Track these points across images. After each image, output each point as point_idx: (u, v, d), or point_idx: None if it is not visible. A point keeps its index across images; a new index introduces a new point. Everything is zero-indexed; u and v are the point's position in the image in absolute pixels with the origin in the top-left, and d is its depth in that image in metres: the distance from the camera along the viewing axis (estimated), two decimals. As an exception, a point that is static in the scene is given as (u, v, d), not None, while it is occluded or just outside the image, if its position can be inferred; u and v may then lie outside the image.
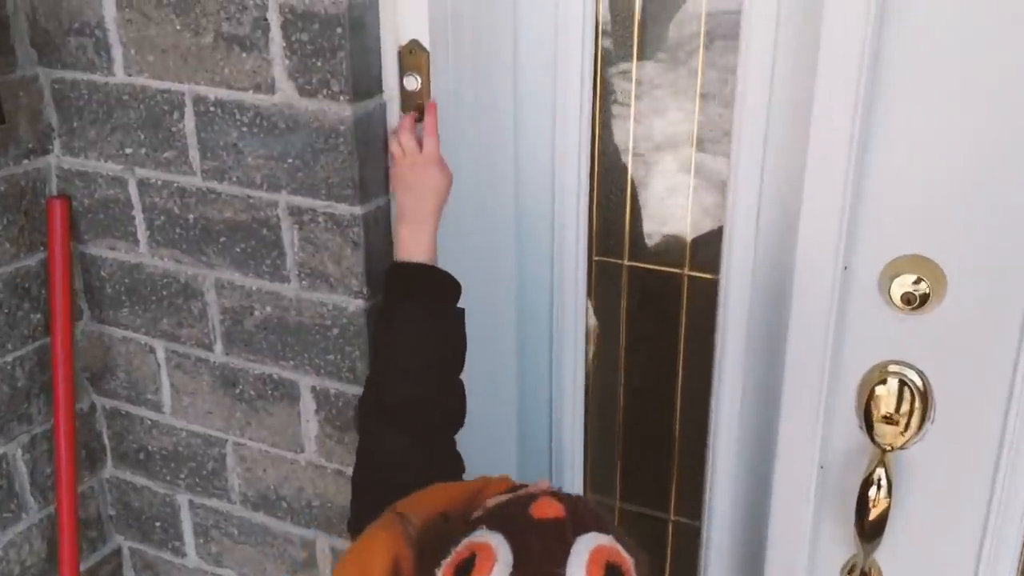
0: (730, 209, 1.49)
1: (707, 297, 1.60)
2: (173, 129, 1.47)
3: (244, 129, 1.40)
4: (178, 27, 1.39)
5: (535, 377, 1.76)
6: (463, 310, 1.39)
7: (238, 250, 1.49)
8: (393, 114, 1.39)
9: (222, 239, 1.50)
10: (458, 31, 1.41)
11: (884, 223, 1.35)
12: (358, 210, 1.37)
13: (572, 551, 0.89)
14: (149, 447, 1.74)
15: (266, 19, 1.32)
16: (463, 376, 1.38)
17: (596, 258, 1.67)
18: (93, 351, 1.71)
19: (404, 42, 1.36)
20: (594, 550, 0.90)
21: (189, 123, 1.45)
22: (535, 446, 1.80)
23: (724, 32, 1.46)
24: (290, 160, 1.39)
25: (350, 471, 1.45)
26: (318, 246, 1.42)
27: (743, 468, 1.65)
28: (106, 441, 1.79)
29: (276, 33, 1.32)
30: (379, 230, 1.42)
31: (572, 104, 1.55)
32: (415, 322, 1.34)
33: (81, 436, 1.73)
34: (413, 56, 1.36)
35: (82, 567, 1.79)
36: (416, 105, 1.37)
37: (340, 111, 1.32)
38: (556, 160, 1.59)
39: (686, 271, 1.61)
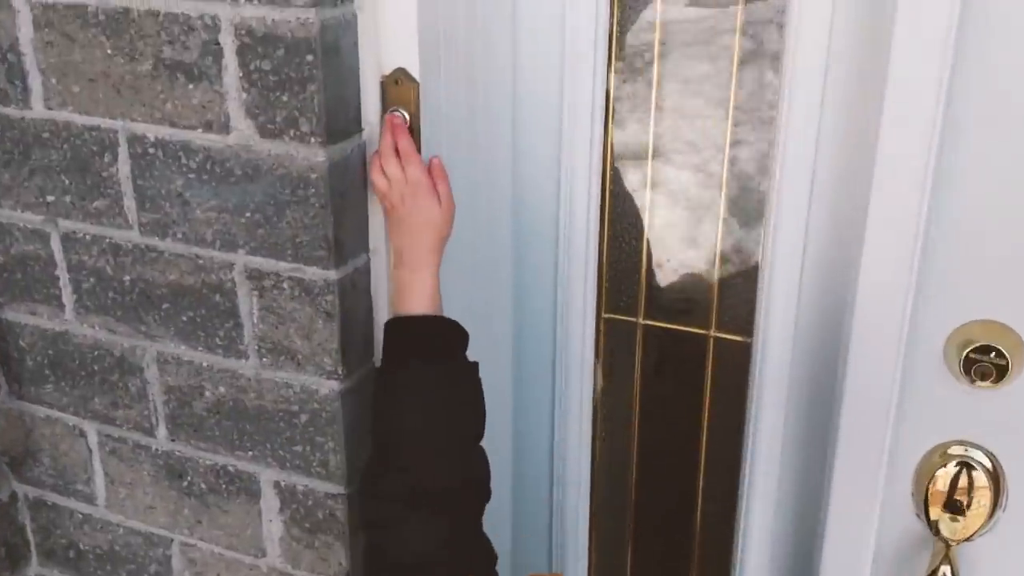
0: (767, 262, 1.28)
1: (737, 362, 1.38)
2: (104, 174, 1.21)
3: (191, 176, 1.15)
4: (109, 51, 1.14)
5: (534, 450, 1.53)
6: (476, 363, 1.16)
7: (184, 319, 1.24)
8: (371, 154, 1.15)
9: (165, 306, 1.24)
10: (451, 57, 1.17)
11: (954, 281, 1.16)
12: (332, 274, 1.12)
13: None
14: (80, 544, 1.47)
15: (218, 43, 1.07)
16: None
17: (606, 315, 1.44)
18: (13, 432, 1.44)
19: (388, 71, 1.12)
20: None
21: (123, 167, 1.19)
22: (533, 526, 1.57)
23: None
24: (248, 214, 1.14)
25: (322, 580, 1.21)
26: (282, 317, 1.17)
27: (779, 559, 1.43)
28: (30, 536, 1.51)
29: (231, 60, 1.07)
30: (357, 297, 1.17)
31: (581, 139, 1.32)
32: (436, 387, 1.13)
33: (0, 529, 1.46)
34: (399, 87, 1.11)
35: None
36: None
37: (311, 155, 1.07)
38: (562, 204, 1.36)
39: (712, 332, 1.38)
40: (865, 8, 1.11)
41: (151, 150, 1.17)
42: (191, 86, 1.11)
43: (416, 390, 1.11)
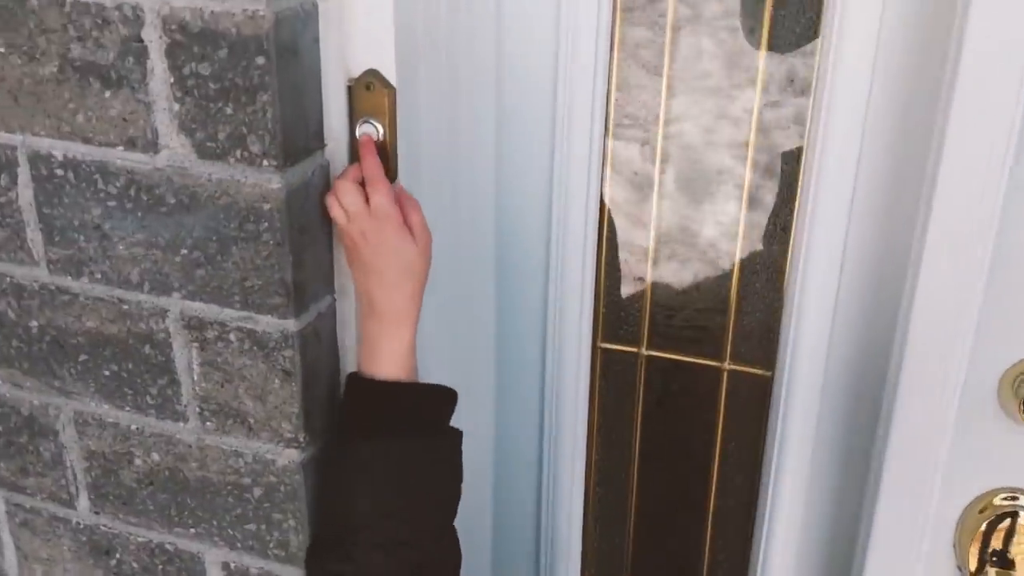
0: (795, 286, 1.11)
1: (755, 398, 1.21)
2: (2, 199, 0.98)
3: (111, 204, 0.93)
4: (3, 50, 0.91)
5: (518, 503, 1.34)
6: (460, 433, 0.97)
7: (107, 374, 1.02)
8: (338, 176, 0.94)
9: (82, 358, 1.02)
10: (433, 56, 0.96)
11: (1014, 313, 1.01)
12: (291, 325, 0.91)
13: None
14: (-13, 628, 1.25)
15: (141, 40, 0.85)
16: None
17: (602, 345, 1.25)
18: (-102, 499, 1.20)
19: (357, 73, 0.91)
20: None
21: (25, 191, 0.96)
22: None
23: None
24: (184, 251, 0.92)
25: None
26: (229, 374, 0.96)
27: (800, 621, 1.27)
28: (-75, 616, 1.28)
29: (158, 62, 0.85)
30: (321, 348, 0.97)
31: (578, 150, 1.12)
32: (400, 468, 0.94)
33: None
34: (371, 94, 0.90)
35: None
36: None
37: (263, 181, 0.86)
38: (555, 222, 1.17)
39: (726, 364, 1.21)
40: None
41: (59, 171, 0.94)
42: (108, 94, 0.88)
43: (377, 469, 0.93)
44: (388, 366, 0.93)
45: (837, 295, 1.11)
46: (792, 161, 1.11)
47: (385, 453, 0.92)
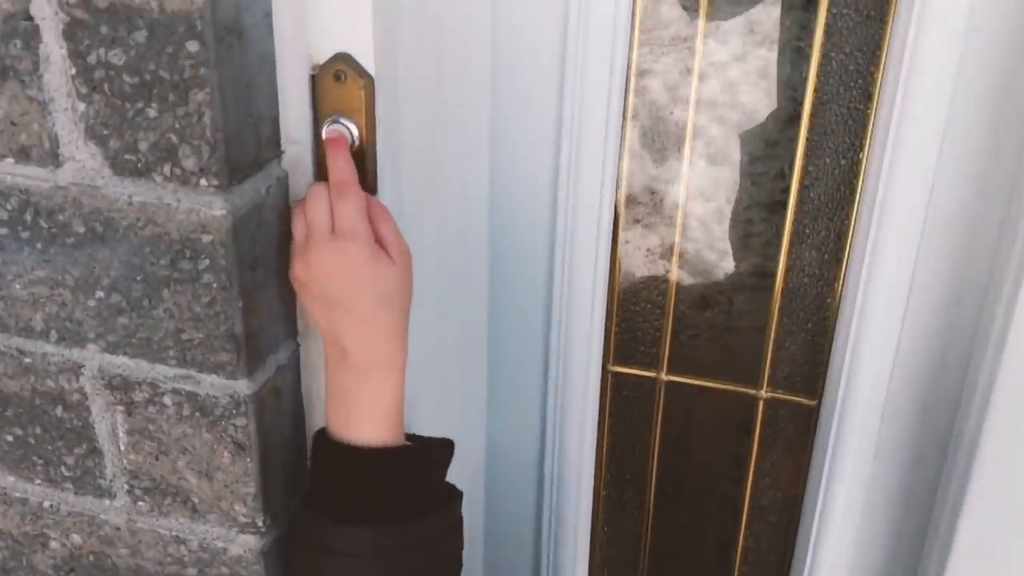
0: (850, 305, 0.92)
1: (796, 430, 1.03)
2: None
3: (1, 231, 0.71)
4: None
5: (516, 548, 1.16)
6: (460, 496, 0.79)
7: (10, 439, 0.80)
8: (301, 195, 0.73)
9: (-23, 420, 0.80)
10: (419, 35, 0.75)
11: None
12: (243, 386, 0.70)
13: None
14: None
15: (30, 16, 0.63)
16: None
17: (613, 368, 1.06)
18: None
19: (323, 59, 0.69)
20: None
21: None
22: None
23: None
24: (101, 293, 0.70)
25: None
26: (165, 444, 0.75)
27: None
28: None
29: (54, 47, 0.63)
30: (282, 409, 0.76)
31: (590, 146, 0.92)
32: (391, 557, 0.74)
33: None
34: (342, 86, 0.69)
35: None
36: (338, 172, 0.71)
37: (201, 206, 0.65)
38: (559, 229, 0.97)
39: (763, 392, 1.02)
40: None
41: (-69, 188, 0.71)
42: (-11, 90, 0.66)
43: (363, 561, 0.72)
44: (370, 428, 0.72)
45: (905, 311, 0.92)
46: (853, 152, 0.91)
47: (374, 543, 0.72)
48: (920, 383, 0.95)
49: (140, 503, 0.79)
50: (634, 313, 1.05)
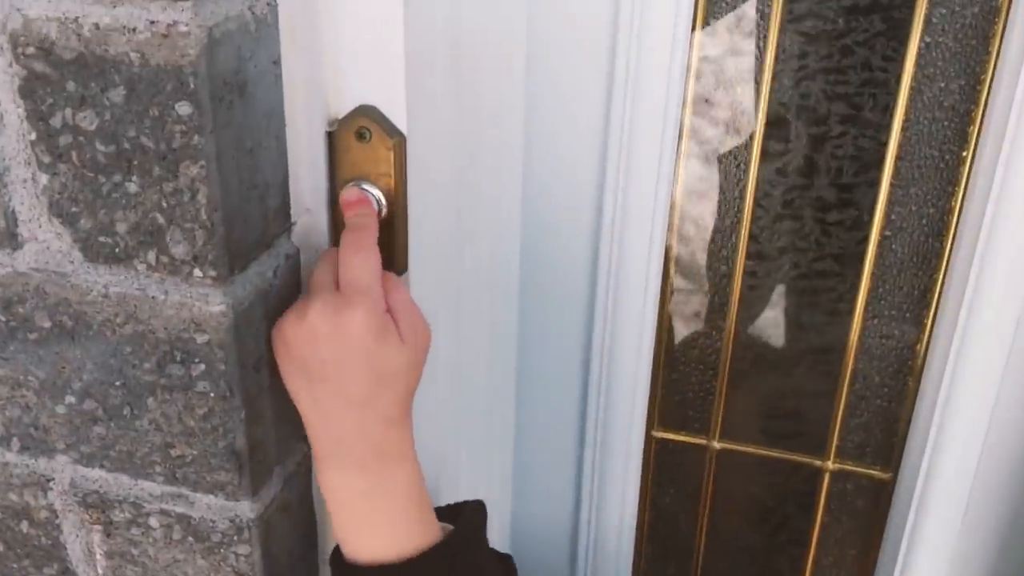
0: (935, 368, 0.81)
1: (866, 505, 0.92)
2: None
3: (-51, 323, 0.58)
4: None
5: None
6: (511, 562, 0.69)
7: (-34, 557, 0.67)
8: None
9: (-74, 533, 0.67)
10: (455, 91, 0.62)
11: None
12: (246, 509, 0.58)
13: None
14: None
15: (-22, 67, 0.50)
16: None
17: (657, 434, 0.95)
18: None
19: (342, 114, 0.56)
20: None
21: None
22: None
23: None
24: (71, 398, 0.57)
25: None
26: (150, 571, 0.62)
27: None
28: None
29: (10, 105, 0.50)
30: (293, 527, 0.63)
31: (639, 196, 0.80)
32: None
33: None
34: (365, 146, 0.56)
35: None
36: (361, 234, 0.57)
37: (195, 300, 0.52)
38: (600, 282, 0.85)
39: (829, 463, 0.90)
40: None
41: None
42: (-72, 157, 0.53)
43: None
44: (392, 536, 0.59)
45: (1002, 377, 0.81)
46: (944, 200, 0.79)
47: None
48: (1016, 458, 0.84)
49: (122, 635, 0.66)
50: (683, 373, 0.93)
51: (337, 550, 0.62)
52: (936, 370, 0.83)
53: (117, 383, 0.56)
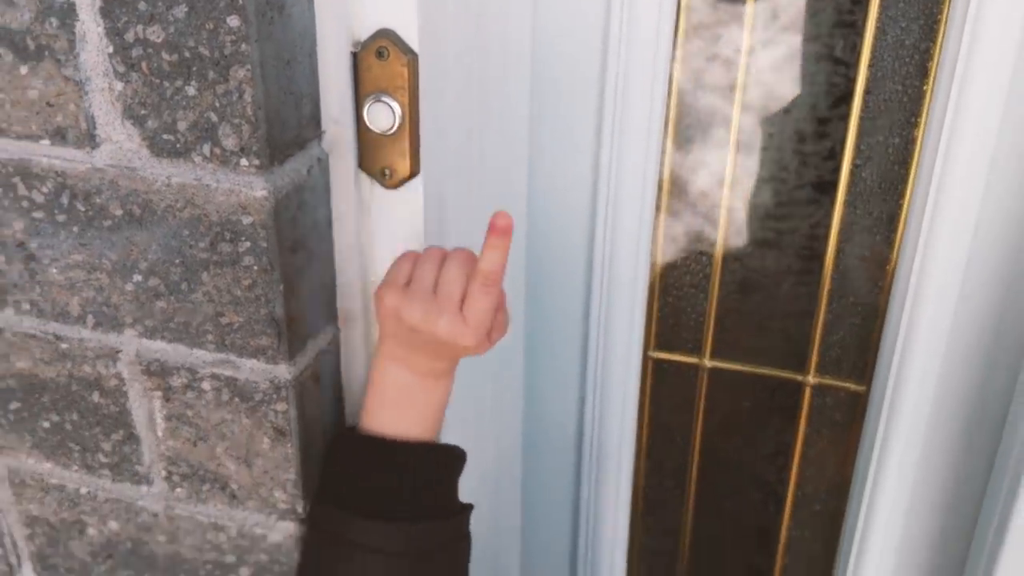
0: (903, 283, 0.89)
1: (843, 417, 1.00)
2: None
3: (37, 215, 0.69)
4: None
5: (552, 537, 1.14)
6: (469, 509, 0.75)
7: (46, 426, 0.79)
8: (342, 177, 0.71)
9: (13, 405, 0.79)
10: (463, 16, 0.72)
11: None
12: (284, 371, 0.69)
13: None
14: None
15: (66, -7, 0.61)
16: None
17: (654, 355, 1.04)
18: None
19: (365, 36, 0.67)
20: None
21: (-75, 196, 0.72)
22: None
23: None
24: (138, 277, 0.69)
25: None
26: (203, 431, 0.73)
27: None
28: None
29: (91, 25, 0.61)
30: (323, 395, 0.74)
31: (635, 115, 0.90)
32: (413, 556, 0.71)
33: None
34: (385, 64, 0.67)
35: None
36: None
37: (242, 187, 0.63)
38: (599, 205, 0.95)
39: (810, 378, 0.99)
40: None
41: (-33, 170, 0.70)
42: (24, 69, 0.64)
43: (389, 556, 0.71)
44: (420, 425, 0.71)
45: (959, 295, 0.90)
46: (908, 130, 0.88)
47: (408, 540, 0.71)
48: (974, 369, 0.92)
49: (178, 490, 0.77)
50: (676, 298, 1.02)
51: (351, 429, 0.73)
52: (902, 287, 0.92)
53: (176, 261, 0.67)
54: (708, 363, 1.04)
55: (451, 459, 0.74)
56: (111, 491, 0.80)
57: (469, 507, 0.76)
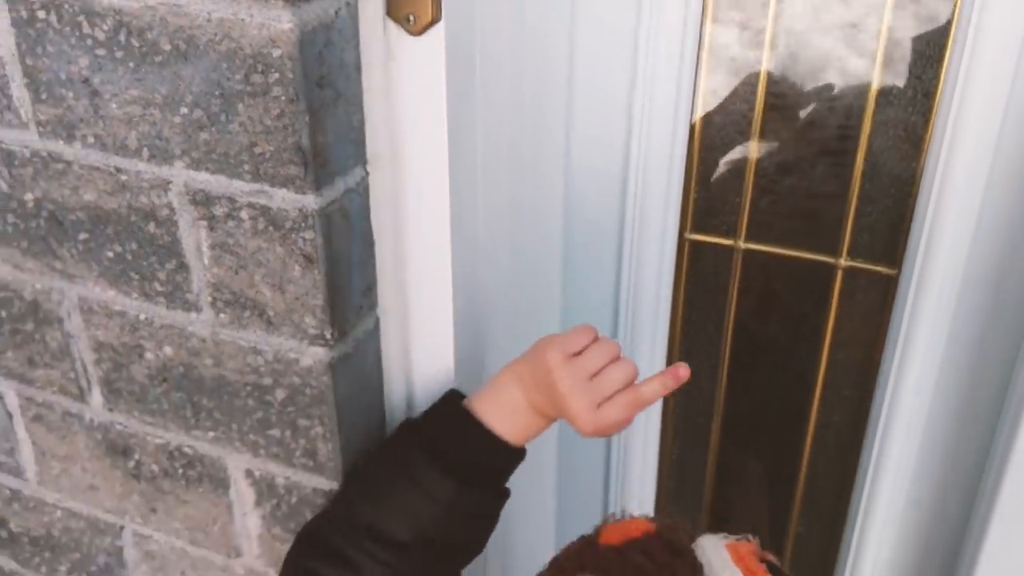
0: (935, 166, 0.90)
1: (874, 300, 1.02)
2: (-19, 47, 0.83)
3: (99, 52, 0.77)
4: None
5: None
6: (507, 495, 0.87)
7: (110, 256, 0.88)
8: (370, 22, 0.76)
9: (82, 236, 0.88)
10: None
11: None
12: (311, 201, 0.75)
13: (703, 557, 0.62)
14: (11, 525, 1.16)
15: None
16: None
17: (691, 236, 1.07)
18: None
19: None
20: (733, 550, 0.62)
21: (6, 39, 0.81)
22: (584, 487, 1.24)
23: None
24: (185, 110, 0.76)
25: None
26: (243, 258, 0.80)
27: (909, 549, 1.10)
28: (-48, 509, 1.20)
29: None
30: (351, 230, 0.81)
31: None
32: (466, 519, 0.83)
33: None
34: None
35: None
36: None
37: (271, 20, 0.69)
38: (638, 85, 0.98)
39: (842, 260, 1.01)
40: None
41: (41, 13, 0.78)
42: (84, -89, 0.72)
43: (453, 512, 0.81)
44: (508, 428, 0.82)
45: (990, 175, 0.90)
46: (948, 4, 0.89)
47: (454, 497, 0.80)
48: (1001, 252, 0.93)
49: (222, 315, 0.85)
50: (713, 180, 1.05)
51: (458, 398, 0.85)
52: (931, 169, 0.93)
53: (216, 93, 0.74)
54: (743, 245, 1.07)
55: (514, 457, 0.84)
56: (165, 317, 0.88)
57: (508, 493, 0.85)
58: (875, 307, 1.04)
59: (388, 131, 0.80)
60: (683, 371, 0.77)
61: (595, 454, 1.20)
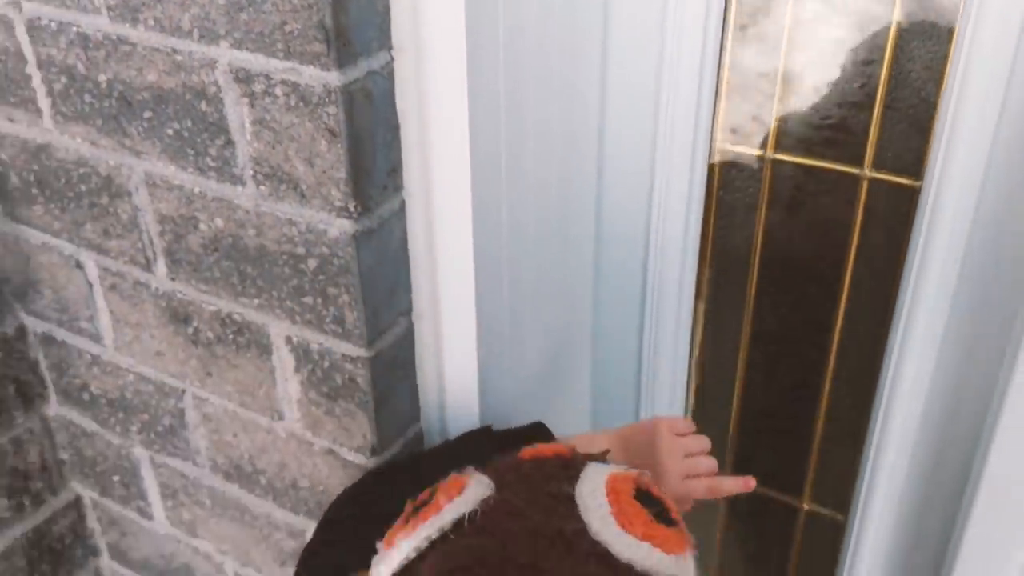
0: (956, 82, 0.91)
1: (898, 212, 1.04)
2: (62, -62, 0.93)
3: (156, -62, 0.86)
4: None
5: (621, 313, 1.24)
6: None
7: (170, 133, 0.97)
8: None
9: (147, 115, 0.98)
10: None
11: None
12: (334, 78, 0.83)
13: (583, 475, 0.65)
14: (92, 388, 1.29)
15: None
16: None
17: (722, 146, 1.11)
18: (10, 258, 1.24)
19: None
20: (612, 476, 0.65)
21: (81, -72, 0.91)
22: (618, 381, 1.30)
23: None
24: (227, -9, 0.84)
25: (344, 452, 1.04)
26: (278, 133, 0.89)
27: (922, 457, 1.12)
28: (44, 373, 1.34)
29: None
30: (374, 110, 0.88)
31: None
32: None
33: (10, 365, 1.29)
34: None
35: (33, 522, 1.39)
36: None
37: (296, -94, 0.76)
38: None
39: (866, 172, 1.04)
40: None
41: (108, -97, 0.87)
42: None
43: None
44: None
45: (1007, 91, 0.91)
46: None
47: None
48: (1019, 167, 0.94)
49: (262, 188, 0.94)
50: (743, 92, 1.08)
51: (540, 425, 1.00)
52: (950, 82, 0.94)
53: (252, -25, 0.82)
54: (771, 155, 1.10)
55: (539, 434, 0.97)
56: (216, 191, 0.98)
57: None
58: (899, 218, 1.06)
59: (413, 16, 0.86)
60: (752, 483, 0.92)
61: (629, 352, 1.26)
